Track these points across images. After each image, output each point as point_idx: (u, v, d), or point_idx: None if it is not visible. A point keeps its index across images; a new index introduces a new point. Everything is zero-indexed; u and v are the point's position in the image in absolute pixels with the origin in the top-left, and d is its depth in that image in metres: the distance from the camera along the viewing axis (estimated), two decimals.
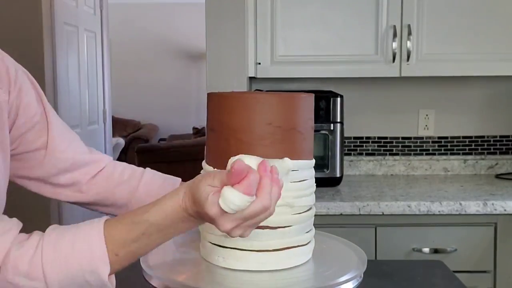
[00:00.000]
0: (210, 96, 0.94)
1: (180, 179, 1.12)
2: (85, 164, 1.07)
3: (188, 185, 0.77)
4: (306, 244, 0.95)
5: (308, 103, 0.94)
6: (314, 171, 0.97)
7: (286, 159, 0.85)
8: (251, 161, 0.76)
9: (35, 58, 2.98)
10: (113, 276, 0.80)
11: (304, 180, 0.93)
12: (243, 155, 0.79)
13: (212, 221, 0.74)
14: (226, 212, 0.72)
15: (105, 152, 4.12)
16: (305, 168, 0.93)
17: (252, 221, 0.74)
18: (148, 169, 1.14)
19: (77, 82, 3.53)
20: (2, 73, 0.93)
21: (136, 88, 7.52)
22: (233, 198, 0.71)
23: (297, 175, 0.91)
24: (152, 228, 0.77)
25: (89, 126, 3.75)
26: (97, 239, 0.76)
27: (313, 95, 0.96)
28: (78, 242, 0.76)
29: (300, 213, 0.92)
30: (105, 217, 0.79)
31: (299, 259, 0.94)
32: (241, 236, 0.76)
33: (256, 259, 0.90)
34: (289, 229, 0.91)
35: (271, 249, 0.90)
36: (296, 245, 0.92)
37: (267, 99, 0.89)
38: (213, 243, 0.93)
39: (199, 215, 0.75)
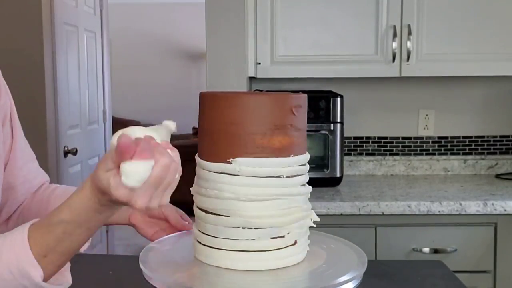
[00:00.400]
0: (202, 95, 0.95)
1: None
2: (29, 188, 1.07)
3: (91, 177, 0.75)
4: (298, 243, 0.95)
5: (301, 103, 0.94)
6: (308, 166, 0.97)
7: (167, 122, 0.82)
8: (136, 132, 0.72)
9: (35, 58, 2.98)
10: (65, 272, 0.80)
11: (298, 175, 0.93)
12: (125, 128, 0.74)
13: (125, 203, 0.71)
14: (134, 190, 0.69)
15: (105, 152, 4.11)
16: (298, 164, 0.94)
17: (163, 185, 0.71)
18: (63, 185, 1.14)
19: (77, 82, 3.53)
20: None
21: (136, 88, 7.52)
22: (134, 169, 0.68)
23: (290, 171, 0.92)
24: (70, 226, 0.75)
25: (89, 126, 3.74)
26: (21, 244, 0.75)
27: (305, 95, 0.96)
28: (4, 250, 0.76)
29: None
30: (30, 222, 0.78)
31: (294, 258, 0.93)
32: (161, 205, 0.73)
33: (251, 258, 0.91)
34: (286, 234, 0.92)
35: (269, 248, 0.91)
36: (288, 245, 0.93)
37: (257, 99, 0.90)
38: (204, 244, 0.94)
39: (111, 201, 0.73)
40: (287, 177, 0.90)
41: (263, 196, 0.89)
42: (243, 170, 0.88)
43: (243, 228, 0.89)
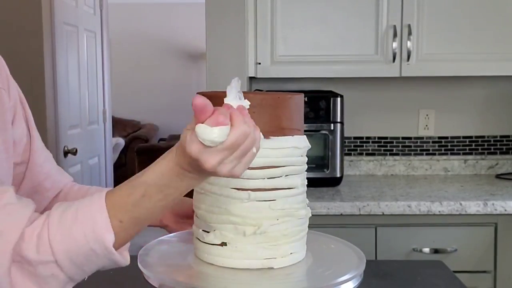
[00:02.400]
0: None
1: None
2: (53, 183, 1.08)
3: (179, 140, 0.76)
4: (298, 240, 0.95)
5: (296, 104, 0.94)
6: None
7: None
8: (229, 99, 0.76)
9: (35, 58, 2.98)
10: (125, 251, 0.80)
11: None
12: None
13: (197, 161, 0.71)
14: (207, 147, 0.70)
15: (105, 152, 4.12)
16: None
17: (238, 152, 0.72)
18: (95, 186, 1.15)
19: (77, 82, 3.53)
20: (3, 77, 0.94)
21: (136, 88, 7.51)
22: (206, 130, 0.69)
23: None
24: (151, 189, 0.76)
25: (89, 126, 3.74)
26: (98, 207, 0.76)
27: (302, 95, 0.96)
28: (81, 212, 0.76)
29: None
30: (107, 189, 0.79)
31: (225, 260, 0.93)
32: (232, 174, 0.73)
33: (248, 255, 0.91)
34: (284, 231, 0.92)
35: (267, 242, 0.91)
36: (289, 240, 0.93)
37: (252, 98, 0.90)
38: (204, 242, 0.94)
39: (190, 165, 0.73)
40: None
41: (201, 189, 0.94)
42: None
43: (195, 215, 0.98)
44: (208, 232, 0.93)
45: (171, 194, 0.77)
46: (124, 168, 6.44)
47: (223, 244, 0.92)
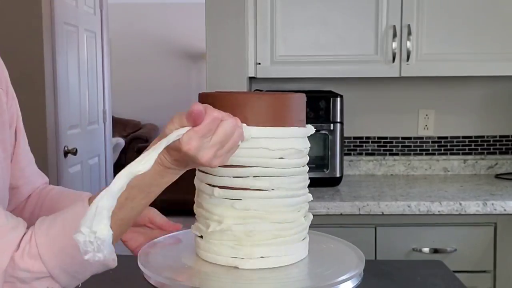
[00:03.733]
0: (201, 96, 0.96)
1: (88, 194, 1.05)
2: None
3: (157, 139, 0.77)
4: (301, 239, 0.95)
5: (297, 103, 0.94)
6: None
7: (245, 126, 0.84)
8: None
9: (35, 58, 2.98)
10: (114, 253, 0.79)
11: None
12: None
13: (193, 158, 0.75)
14: (202, 144, 0.74)
15: (105, 152, 4.12)
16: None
17: (228, 144, 0.76)
18: (59, 187, 1.13)
19: (77, 82, 3.53)
20: (1, 79, 0.95)
21: (136, 88, 7.51)
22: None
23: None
24: (133, 191, 0.78)
25: (89, 126, 3.74)
26: (83, 213, 0.75)
27: (304, 95, 0.95)
28: (67, 222, 0.78)
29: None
30: (86, 194, 0.82)
31: (294, 257, 0.93)
32: (221, 164, 0.78)
33: (216, 251, 0.92)
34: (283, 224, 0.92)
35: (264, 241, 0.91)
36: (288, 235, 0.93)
37: (250, 99, 0.90)
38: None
39: (178, 161, 0.77)
40: (199, 170, 0.95)
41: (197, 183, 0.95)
42: None
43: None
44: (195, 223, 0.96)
45: (153, 192, 0.81)
46: None
47: (201, 236, 0.93)
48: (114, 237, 0.77)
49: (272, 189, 0.89)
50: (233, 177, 0.88)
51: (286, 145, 0.88)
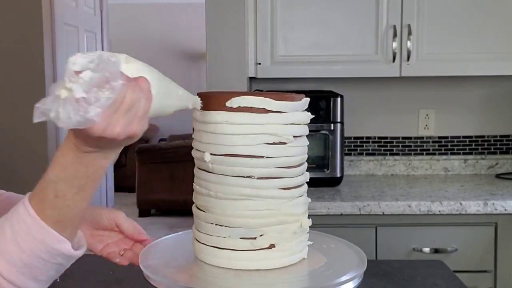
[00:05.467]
0: (199, 96, 0.97)
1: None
2: None
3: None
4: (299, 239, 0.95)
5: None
6: (304, 172, 0.96)
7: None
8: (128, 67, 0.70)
9: (35, 58, 2.98)
10: (81, 238, 0.78)
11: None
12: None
13: (100, 135, 0.66)
14: (111, 113, 0.65)
15: None
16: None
17: (135, 109, 0.68)
18: (8, 193, 1.05)
19: None
20: None
21: None
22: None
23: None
24: (60, 186, 0.71)
25: None
26: (36, 227, 0.72)
27: (303, 95, 0.96)
28: (21, 240, 0.72)
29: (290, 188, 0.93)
30: (24, 198, 0.74)
31: (272, 262, 0.92)
32: (130, 132, 0.69)
33: (222, 255, 0.92)
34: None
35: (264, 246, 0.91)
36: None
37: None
38: (206, 244, 0.94)
39: (89, 138, 0.68)
40: (259, 178, 0.89)
41: (233, 195, 0.89)
42: (215, 168, 0.89)
43: (215, 224, 0.90)
44: (253, 238, 0.90)
45: (86, 186, 0.72)
46: (124, 169, 6.44)
47: (272, 246, 0.90)
48: (70, 235, 0.75)
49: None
50: (302, 175, 0.94)
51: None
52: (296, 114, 0.91)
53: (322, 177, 2.31)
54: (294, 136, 0.90)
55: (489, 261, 2.08)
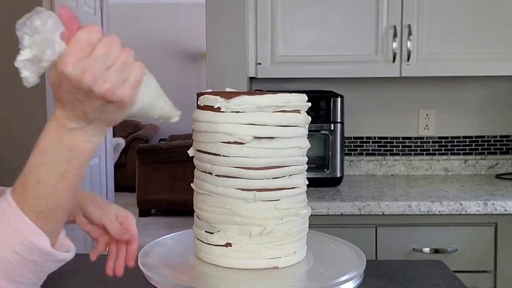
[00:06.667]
0: (199, 95, 0.97)
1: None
2: None
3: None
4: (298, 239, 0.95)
5: None
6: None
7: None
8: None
9: None
10: (67, 241, 0.74)
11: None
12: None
13: (76, 82, 0.65)
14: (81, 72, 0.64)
15: (106, 152, 4.12)
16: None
17: (114, 65, 0.66)
18: None
19: None
20: None
21: None
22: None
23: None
24: (42, 172, 0.68)
25: None
26: (15, 216, 0.68)
27: (271, 95, 0.95)
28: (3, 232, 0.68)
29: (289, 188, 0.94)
30: (8, 192, 0.70)
31: (230, 261, 0.92)
32: (119, 95, 0.66)
33: (201, 247, 0.94)
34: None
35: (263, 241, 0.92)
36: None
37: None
38: (205, 242, 0.94)
39: (69, 103, 0.67)
40: (217, 175, 0.91)
41: (200, 189, 0.95)
42: (195, 163, 0.97)
43: (196, 216, 0.97)
44: (211, 233, 0.93)
45: (67, 172, 0.69)
46: (125, 168, 6.44)
47: (228, 244, 0.92)
48: (51, 229, 0.70)
49: (301, 186, 0.95)
50: (271, 178, 0.91)
51: (307, 142, 0.97)
52: (258, 115, 0.89)
53: (322, 177, 2.31)
54: (258, 138, 0.89)
55: (489, 261, 2.08)
